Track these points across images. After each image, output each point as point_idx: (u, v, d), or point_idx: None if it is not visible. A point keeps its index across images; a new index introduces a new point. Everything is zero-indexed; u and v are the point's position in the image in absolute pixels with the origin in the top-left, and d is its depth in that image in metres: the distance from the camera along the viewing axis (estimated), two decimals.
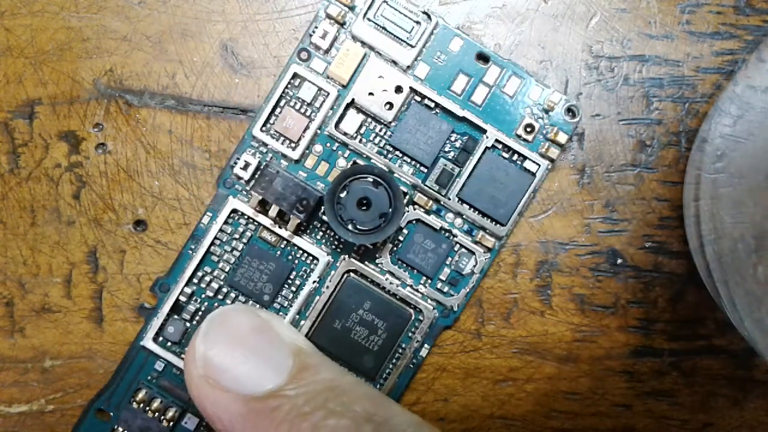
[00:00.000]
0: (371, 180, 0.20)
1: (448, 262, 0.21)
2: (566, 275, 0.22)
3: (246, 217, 0.21)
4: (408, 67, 0.21)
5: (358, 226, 0.20)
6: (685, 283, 0.22)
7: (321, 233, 0.21)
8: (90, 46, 0.21)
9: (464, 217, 0.21)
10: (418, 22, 0.21)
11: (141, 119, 0.22)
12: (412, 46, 0.21)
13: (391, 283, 0.21)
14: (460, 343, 0.22)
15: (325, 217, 0.20)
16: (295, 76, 0.21)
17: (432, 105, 0.21)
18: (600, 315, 0.22)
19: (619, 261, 0.22)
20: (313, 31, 0.21)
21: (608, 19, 0.22)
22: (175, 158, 0.22)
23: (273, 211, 0.20)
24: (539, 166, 0.21)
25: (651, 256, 0.22)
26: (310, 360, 0.18)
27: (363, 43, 0.21)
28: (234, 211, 0.21)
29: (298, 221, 0.20)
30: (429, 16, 0.21)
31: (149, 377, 0.21)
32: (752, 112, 0.18)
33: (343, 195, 0.20)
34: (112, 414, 0.21)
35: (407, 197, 0.21)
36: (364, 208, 0.20)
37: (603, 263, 0.22)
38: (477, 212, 0.21)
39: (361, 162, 0.21)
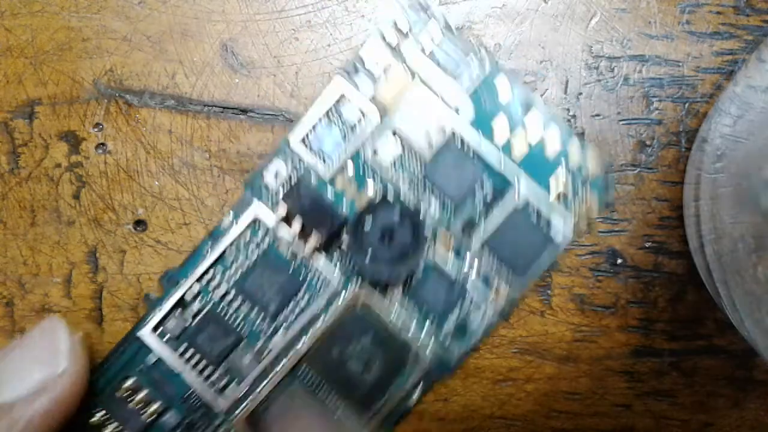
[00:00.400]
0: (398, 214, 0.20)
1: (456, 312, 0.21)
2: (566, 275, 0.22)
3: (267, 225, 0.21)
4: (455, 106, 0.21)
5: (377, 258, 0.20)
6: (685, 283, 0.22)
7: (338, 257, 0.21)
8: (90, 46, 0.21)
9: (482, 267, 0.21)
10: (474, 62, 0.21)
11: (141, 119, 0.22)
12: (463, 86, 0.21)
13: (396, 321, 0.21)
14: None
15: (345, 242, 0.20)
16: (341, 96, 0.21)
17: (471, 149, 0.21)
18: (600, 315, 0.22)
19: (619, 261, 0.22)
20: (366, 52, 0.21)
21: (608, 19, 0.22)
22: (175, 158, 0.22)
23: (296, 225, 0.20)
24: (566, 231, 0.21)
25: (651, 256, 0.22)
26: None
27: (414, 74, 0.21)
28: (256, 218, 0.21)
29: (319, 241, 0.20)
30: (488, 58, 0.21)
31: (140, 368, 0.21)
32: (752, 112, 0.18)
33: (367, 224, 0.20)
34: (97, 397, 0.21)
35: (430, 237, 0.21)
36: (387, 240, 0.20)
37: (603, 263, 0.22)
38: (496, 265, 0.21)
39: (391, 193, 0.21)
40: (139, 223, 0.22)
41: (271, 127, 0.22)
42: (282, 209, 0.20)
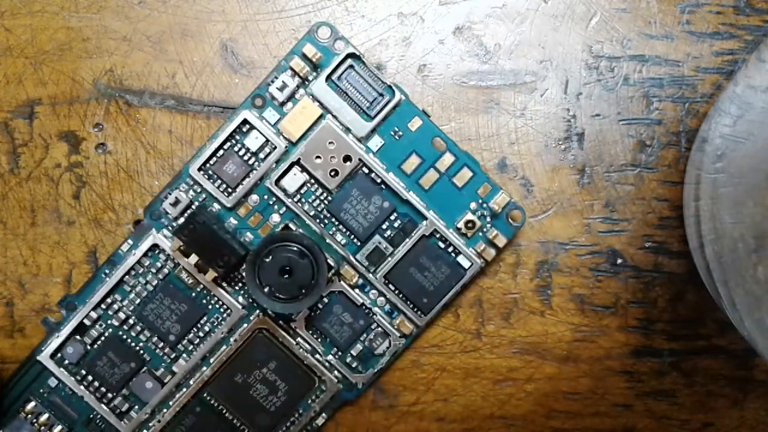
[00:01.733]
0: (298, 248, 0.19)
1: (362, 339, 0.21)
2: (566, 275, 0.22)
3: (166, 253, 0.21)
4: (362, 137, 0.21)
5: (276, 293, 0.19)
6: (685, 283, 0.22)
7: (240, 286, 0.21)
8: (90, 46, 0.21)
9: (387, 298, 0.21)
10: (381, 95, 0.21)
11: (141, 119, 0.22)
12: (370, 117, 0.21)
13: (300, 348, 0.21)
14: (460, 343, 0.22)
15: (244, 276, 0.20)
16: (244, 122, 0.20)
17: (378, 180, 0.21)
18: (600, 315, 0.22)
19: (619, 261, 0.22)
20: (272, 81, 0.21)
21: (608, 19, 0.22)
22: (175, 158, 0.22)
23: (193, 258, 0.20)
24: (472, 264, 0.21)
25: (651, 256, 0.22)
26: None
27: (320, 104, 0.21)
28: (155, 245, 0.21)
29: (217, 274, 0.20)
30: (394, 91, 0.20)
31: (41, 390, 0.21)
32: (752, 112, 0.18)
33: (267, 259, 0.19)
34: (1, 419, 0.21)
35: (334, 269, 0.21)
36: (286, 276, 0.19)
37: (603, 263, 0.22)
38: (401, 296, 0.21)
39: (294, 223, 0.21)
40: (139, 223, 0.22)
41: None
42: (177, 243, 0.20)
